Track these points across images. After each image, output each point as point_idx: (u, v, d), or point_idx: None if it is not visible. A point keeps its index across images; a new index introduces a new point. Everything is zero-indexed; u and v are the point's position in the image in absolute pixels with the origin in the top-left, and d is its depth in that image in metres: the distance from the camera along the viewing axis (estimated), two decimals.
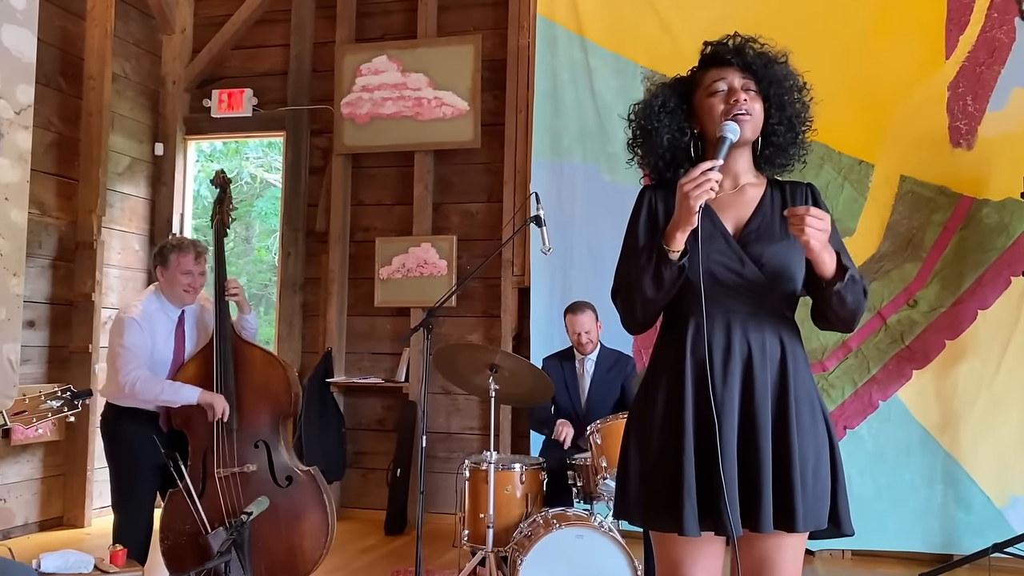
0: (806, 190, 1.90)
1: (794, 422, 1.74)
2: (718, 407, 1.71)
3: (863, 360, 4.56)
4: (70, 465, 5.08)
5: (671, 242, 1.73)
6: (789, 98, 1.85)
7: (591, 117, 5.01)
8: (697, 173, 1.69)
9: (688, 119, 1.88)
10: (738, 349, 1.75)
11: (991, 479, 4.34)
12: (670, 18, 4.88)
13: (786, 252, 1.80)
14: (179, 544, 3.30)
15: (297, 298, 5.66)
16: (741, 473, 1.72)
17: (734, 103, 1.80)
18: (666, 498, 1.74)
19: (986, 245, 4.43)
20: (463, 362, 3.63)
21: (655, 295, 1.77)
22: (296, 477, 3.39)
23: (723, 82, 1.83)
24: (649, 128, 1.88)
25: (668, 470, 1.74)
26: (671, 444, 1.75)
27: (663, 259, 1.73)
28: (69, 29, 5.17)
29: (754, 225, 1.83)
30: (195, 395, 3.29)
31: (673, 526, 1.73)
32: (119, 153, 5.51)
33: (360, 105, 5.52)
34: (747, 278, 1.78)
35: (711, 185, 1.68)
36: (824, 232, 1.68)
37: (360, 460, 5.49)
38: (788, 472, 1.71)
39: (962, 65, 4.50)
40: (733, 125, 1.78)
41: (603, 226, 4.75)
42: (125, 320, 3.31)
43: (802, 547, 1.80)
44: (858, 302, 1.77)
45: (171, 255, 3.37)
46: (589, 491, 3.51)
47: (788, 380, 1.76)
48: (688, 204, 1.68)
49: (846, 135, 4.55)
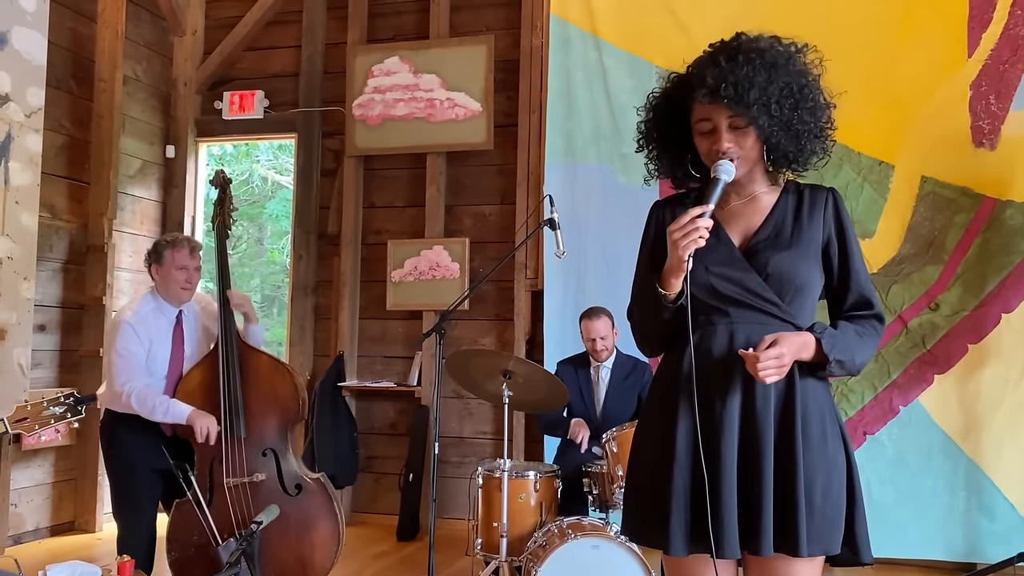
0: (827, 197, 1.80)
1: (799, 439, 1.67)
2: (716, 423, 1.68)
3: (883, 365, 4.47)
4: (81, 470, 5.06)
5: (667, 286, 1.72)
6: (784, 120, 1.70)
7: (605, 118, 4.95)
8: (686, 220, 1.65)
9: (685, 141, 1.82)
10: (739, 368, 1.69)
11: (1015, 486, 4.25)
12: (685, 17, 4.81)
13: (794, 259, 1.73)
14: (186, 556, 3.24)
15: (309, 301, 5.62)
16: (741, 492, 1.66)
17: (717, 150, 1.72)
18: (655, 515, 1.71)
19: (1010, 247, 4.33)
20: (476, 368, 3.58)
21: (657, 332, 1.81)
22: (306, 485, 3.34)
23: (707, 122, 1.74)
24: (651, 148, 1.88)
25: (658, 486, 1.71)
26: (663, 460, 1.72)
27: (660, 303, 1.74)
28: (80, 31, 5.15)
29: (763, 234, 1.77)
30: (185, 414, 3.21)
31: (660, 543, 1.70)
32: (130, 156, 5.49)
33: (372, 107, 5.48)
34: (750, 288, 1.72)
35: (700, 234, 1.65)
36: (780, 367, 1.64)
37: (372, 465, 5.45)
38: (792, 492, 1.64)
39: (984, 64, 4.41)
40: (727, 166, 1.71)
41: (617, 228, 4.69)
42: (119, 324, 3.26)
43: (817, 572, 1.72)
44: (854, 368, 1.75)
45: (165, 251, 3.31)
46: (605, 499, 3.45)
47: (795, 394, 1.69)
48: (676, 254, 1.67)
49: (866, 135, 4.47)
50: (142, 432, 3.27)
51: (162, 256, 3.32)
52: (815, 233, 1.77)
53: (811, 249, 1.76)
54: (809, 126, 1.73)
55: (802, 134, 1.73)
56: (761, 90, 1.66)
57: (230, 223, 3.61)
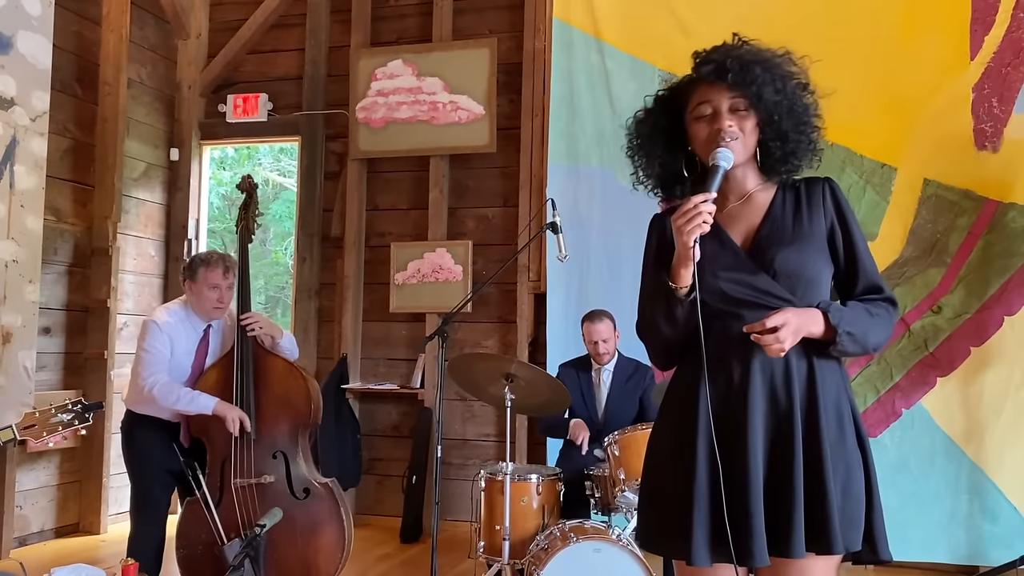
0: (824, 186, 1.79)
1: (825, 436, 1.66)
2: (739, 428, 1.66)
3: (886, 367, 4.47)
4: (86, 472, 5.08)
5: (677, 279, 1.70)
6: (784, 106, 1.73)
7: (608, 120, 4.95)
8: (689, 206, 1.64)
9: (679, 141, 1.81)
10: (758, 366, 1.68)
11: (1018, 488, 4.24)
12: (688, 20, 4.82)
13: (800, 253, 1.72)
14: (195, 553, 3.28)
15: (312, 303, 5.64)
16: (769, 497, 1.64)
17: (718, 130, 1.72)
18: (677, 525, 1.68)
19: (1012, 250, 4.33)
20: (479, 371, 3.59)
21: (673, 334, 1.75)
22: (314, 490, 3.36)
23: (707, 105, 1.74)
24: (642, 153, 1.84)
25: (680, 496, 1.68)
26: (683, 469, 1.69)
27: (672, 298, 1.71)
28: (84, 35, 5.17)
29: (764, 231, 1.76)
30: (211, 404, 3.27)
31: (682, 554, 1.66)
32: (134, 159, 5.51)
33: (375, 109, 5.50)
34: (761, 288, 1.70)
35: (703, 218, 1.63)
36: (790, 335, 1.61)
37: (375, 467, 5.46)
38: (822, 490, 1.62)
39: (987, 66, 4.40)
40: (726, 152, 1.70)
41: (620, 230, 4.70)
42: (148, 324, 3.34)
43: (833, 572, 1.71)
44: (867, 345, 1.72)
45: (199, 269, 3.37)
46: (607, 503, 3.46)
47: (817, 393, 1.68)
48: (682, 240, 1.65)
49: (868, 138, 4.46)
50: (159, 434, 3.32)
51: (196, 273, 3.37)
52: (817, 225, 1.76)
53: (816, 241, 1.74)
54: (802, 117, 1.75)
55: (800, 123, 1.75)
56: (763, 71, 1.71)
57: (254, 227, 3.65)
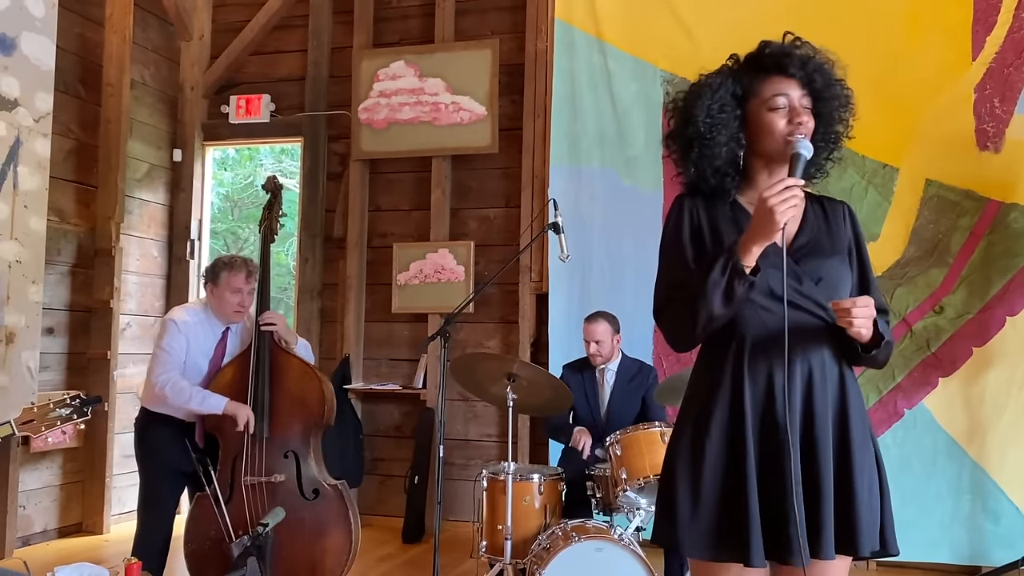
0: (844, 210, 1.85)
1: (854, 443, 1.69)
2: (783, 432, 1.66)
3: (888, 367, 4.42)
4: (89, 472, 5.09)
5: (747, 256, 1.63)
6: (837, 117, 1.80)
7: (609, 121, 4.96)
8: (781, 187, 1.61)
9: (743, 128, 1.78)
10: (799, 370, 1.69)
11: (1020, 489, 4.24)
12: (690, 20, 4.82)
13: (842, 267, 1.77)
14: (202, 549, 3.30)
15: (315, 304, 5.65)
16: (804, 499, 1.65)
17: (798, 124, 1.73)
18: (732, 528, 1.66)
19: (1014, 250, 4.33)
20: (481, 371, 3.60)
21: (723, 310, 1.66)
22: (323, 491, 3.37)
23: (784, 98, 1.74)
24: (706, 135, 1.75)
25: (732, 499, 1.67)
26: (733, 471, 1.68)
27: (737, 274, 1.63)
28: (88, 36, 5.19)
29: (803, 240, 1.77)
30: (221, 404, 3.28)
31: (739, 557, 1.65)
32: (137, 159, 5.52)
33: (377, 110, 5.51)
34: (805, 292, 1.71)
35: (796, 202, 1.62)
36: (870, 319, 1.64)
37: (378, 467, 5.47)
38: (851, 495, 1.66)
39: (989, 66, 4.41)
40: (806, 143, 1.71)
41: (622, 231, 4.70)
42: (167, 323, 3.37)
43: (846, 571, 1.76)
44: (886, 359, 1.76)
45: (222, 272, 3.38)
46: (609, 502, 3.46)
47: (847, 400, 1.71)
48: (774, 219, 1.59)
49: (870, 139, 4.46)
50: (172, 433, 3.34)
51: (218, 276, 3.38)
52: (841, 244, 1.80)
53: (845, 258, 1.79)
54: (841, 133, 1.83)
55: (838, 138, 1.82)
56: (841, 89, 1.80)
57: (277, 228, 3.66)
